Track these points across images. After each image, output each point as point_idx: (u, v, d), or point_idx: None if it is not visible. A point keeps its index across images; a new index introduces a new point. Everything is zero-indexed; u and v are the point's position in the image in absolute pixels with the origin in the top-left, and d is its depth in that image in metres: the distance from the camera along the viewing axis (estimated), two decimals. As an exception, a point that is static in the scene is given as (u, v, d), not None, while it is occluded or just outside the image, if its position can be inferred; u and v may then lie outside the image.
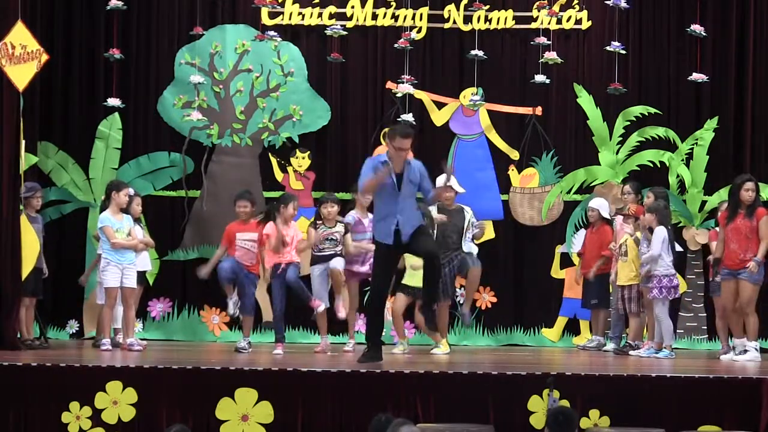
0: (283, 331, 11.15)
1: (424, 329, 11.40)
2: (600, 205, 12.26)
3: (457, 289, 11.99)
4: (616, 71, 12.61)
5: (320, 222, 11.27)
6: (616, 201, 12.44)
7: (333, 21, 12.89)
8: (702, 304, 12.73)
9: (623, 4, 12.53)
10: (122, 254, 10.84)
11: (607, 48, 12.62)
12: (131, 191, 11.66)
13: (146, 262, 11.57)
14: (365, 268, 11.17)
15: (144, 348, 10.92)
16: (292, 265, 11.00)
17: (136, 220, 11.42)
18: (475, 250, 11.41)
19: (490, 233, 12.62)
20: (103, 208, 11.17)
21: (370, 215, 11.18)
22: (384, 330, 10.10)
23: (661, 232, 10.98)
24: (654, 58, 13.02)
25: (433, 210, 11.10)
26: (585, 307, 12.36)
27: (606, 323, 12.15)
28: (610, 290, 11.95)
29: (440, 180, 10.50)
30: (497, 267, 12.67)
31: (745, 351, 10.58)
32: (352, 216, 11.34)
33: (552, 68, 12.76)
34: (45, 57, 10.69)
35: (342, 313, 11.26)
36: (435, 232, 11.17)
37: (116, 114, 12.85)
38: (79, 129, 12.92)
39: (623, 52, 12.65)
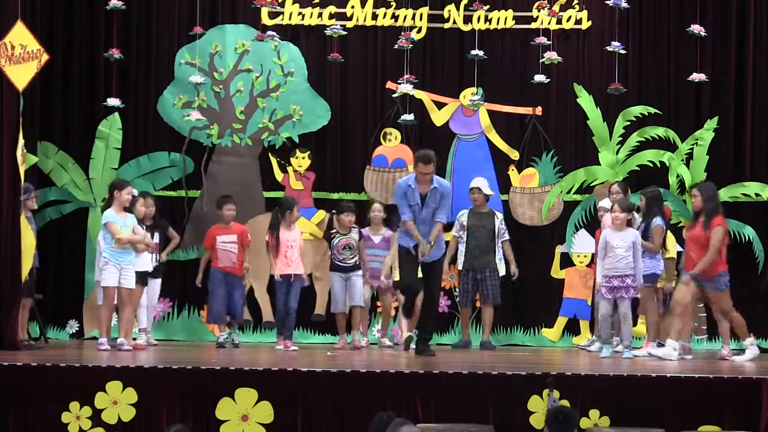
0: (293, 328, 11.80)
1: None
2: (609, 205, 12.25)
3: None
4: (616, 71, 12.61)
5: (334, 231, 11.99)
6: (616, 201, 12.43)
7: (333, 21, 12.89)
8: (702, 304, 12.70)
9: (623, 4, 12.52)
10: (122, 254, 10.82)
11: (607, 48, 12.61)
12: (135, 191, 11.68)
13: (147, 262, 11.55)
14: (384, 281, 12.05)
15: (132, 349, 10.85)
16: (298, 281, 11.72)
17: (140, 221, 11.42)
18: (501, 270, 12.21)
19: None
20: (106, 208, 11.17)
21: (383, 231, 12.12)
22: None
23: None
24: (654, 58, 13.02)
25: (464, 216, 12.28)
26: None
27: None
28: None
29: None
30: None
31: (743, 350, 10.59)
32: (363, 231, 12.07)
33: (552, 68, 12.75)
34: (45, 57, 10.67)
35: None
36: (465, 234, 12.23)
37: (116, 114, 12.84)
38: (79, 129, 12.91)
39: (623, 52, 12.64)
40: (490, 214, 12.34)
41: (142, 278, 11.40)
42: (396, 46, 12.75)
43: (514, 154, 13.04)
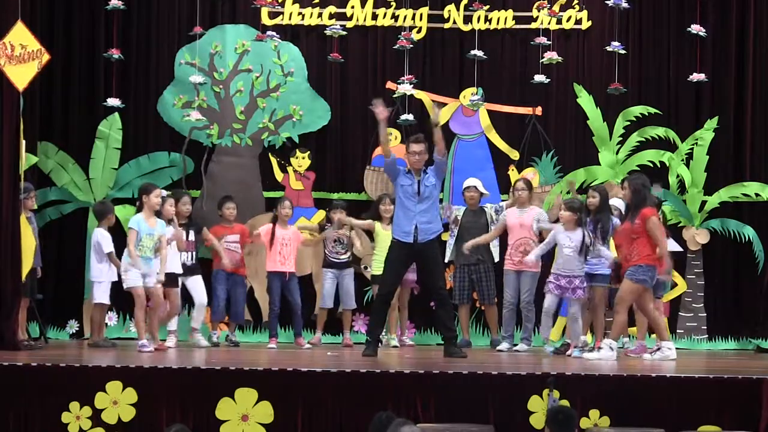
0: (276, 328, 11.97)
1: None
2: (621, 204, 12.22)
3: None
4: (616, 71, 12.62)
5: (328, 225, 12.17)
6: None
7: (333, 21, 12.90)
8: (702, 304, 12.74)
9: (623, 4, 12.54)
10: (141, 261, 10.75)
11: (607, 48, 12.63)
12: (164, 192, 11.65)
13: (176, 264, 11.47)
14: (413, 276, 11.81)
15: (154, 350, 10.79)
16: (292, 279, 11.91)
17: (169, 221, 11.37)
18: (495, 256, 12.30)
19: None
20: (138, 211, 11.11)
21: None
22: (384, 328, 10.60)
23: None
24: (654, 58, 13.02)
25: (460, 211, 12.35)
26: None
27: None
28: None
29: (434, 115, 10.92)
30: (497, 267, 12.65)
31: (599, 348, 10.50)
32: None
33: (552, 68, 12.77)
34: (46, 57, 10.66)
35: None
36: (457, 229, 12.28)
37: (116, 114, 12.84)
38: (79, 129, 12.91)
39: (623, 52, 12.65)
40: (481, 211, 12.36)
41: (173, 280, 11.36)
42: (396, 46, 12.76)
43: (514, 154, 13.05)
